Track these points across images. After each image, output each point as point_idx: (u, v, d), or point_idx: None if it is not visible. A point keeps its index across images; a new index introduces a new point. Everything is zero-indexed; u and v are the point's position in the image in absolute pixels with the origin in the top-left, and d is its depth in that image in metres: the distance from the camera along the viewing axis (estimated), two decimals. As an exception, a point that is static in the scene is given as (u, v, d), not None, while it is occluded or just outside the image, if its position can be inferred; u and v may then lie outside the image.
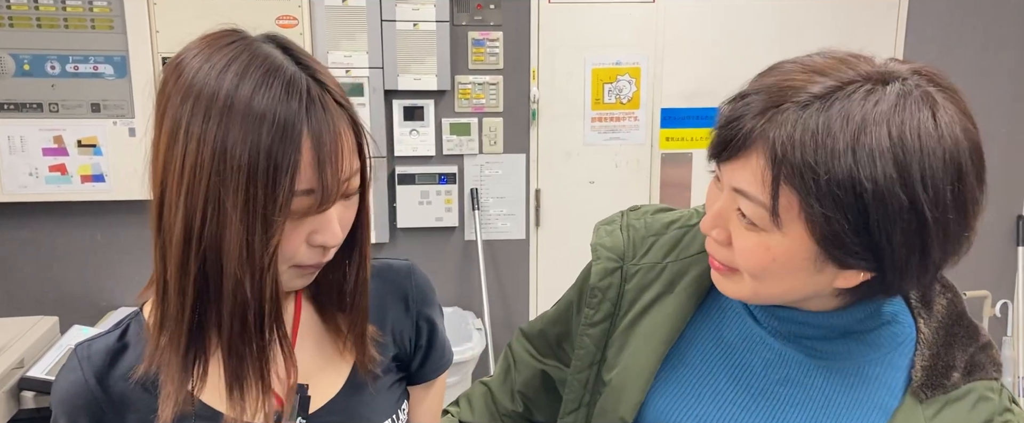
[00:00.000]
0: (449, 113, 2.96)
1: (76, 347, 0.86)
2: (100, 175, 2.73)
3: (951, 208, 0.71)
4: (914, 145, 0.69)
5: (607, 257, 0.97)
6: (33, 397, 1.94)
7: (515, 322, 3.19)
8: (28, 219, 2.79)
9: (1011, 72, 3.18)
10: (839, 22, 3.05)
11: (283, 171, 0.72)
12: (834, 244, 0.72)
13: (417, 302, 0.99)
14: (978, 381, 0.84)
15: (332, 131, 0.74)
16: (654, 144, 3.11)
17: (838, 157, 0.69)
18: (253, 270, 0.74)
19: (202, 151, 0.72)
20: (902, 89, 0.71)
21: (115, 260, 2.86)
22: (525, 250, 3.13)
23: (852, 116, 0.69)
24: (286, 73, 0.74)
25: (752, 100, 0.74)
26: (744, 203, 0.75)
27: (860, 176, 0.68)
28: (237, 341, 0.78)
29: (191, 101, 0.73)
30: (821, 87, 0.71)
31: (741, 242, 0.77)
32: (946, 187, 0.70)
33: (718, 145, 0.77)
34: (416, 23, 2.81)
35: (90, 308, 2.82)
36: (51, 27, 2.62)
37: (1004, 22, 3.14)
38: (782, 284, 0.78)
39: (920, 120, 0.70)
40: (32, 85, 2.64)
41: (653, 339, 0.91)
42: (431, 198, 3.00)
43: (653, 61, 3.04)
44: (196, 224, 0.74)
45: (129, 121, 2.70)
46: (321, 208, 0.76)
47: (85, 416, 0.83)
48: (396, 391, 0.97)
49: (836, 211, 0.70)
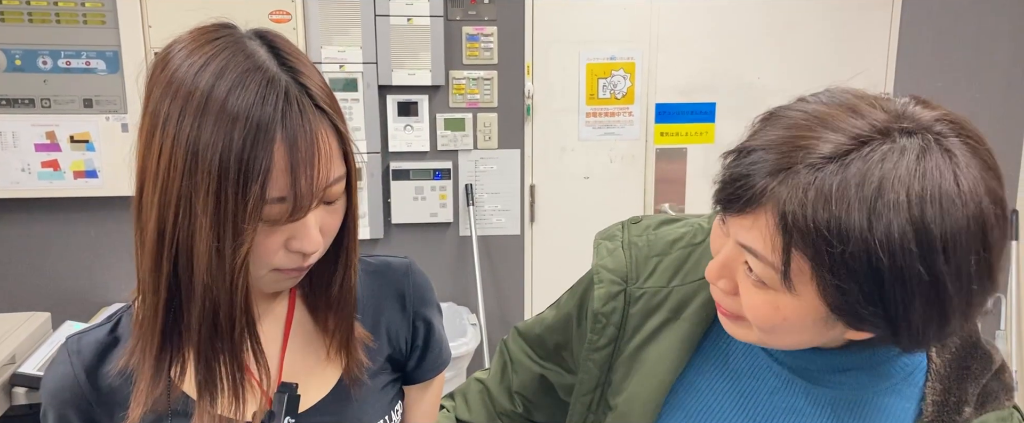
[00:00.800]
0: (443, 108, 2.95)
1: (67, 341, 0.85)
2: (93, 171, 2.72)
3: (975, 278, 0.66)
4: (935, 215, 0.63)
5: (610, 280, 0.94)
6: (25, 393, 1.94)
7: (510, 317, 3.19)
8: (20, 215, 2.78)
9: (1004, 67, 3.19)
10: (833, 17, 3.06)
11: (253, 177, 0.69)
12: (847, 311, 0.68)
13: (414, 302, 0.97)
14: (991, 412, 0.80)
15: (308, 137, 0.71)
16: (649, 139, 3.11)
17: (853, 228, 0.64)
18: (223, 276, 0.72)
19: (176, 151, 0.70)
20: (921, 146, 0.65)
21: (108, 256, 2.85)
22: (520, 246, 3.13)
23: (868, 182, 0.64)
24: (266, 74, 0.71)
25: (760, 158, 0.68)
26: (753, 260, 0.71)
27: (876, 250, 0.63)
28: (206, 345, 0.76)
29: (170, 97, 0.72)
30: (833, 147, 0.66)
31: (749, 298, 0.74)
32: (970, 257, 0.65)
33: (725, 199, 0.72)
34: (410, 18, 2.80)
35: (83, 304, 2.81)
36: (43, 22, 2.60)
37: (997, 16, 3.14)
38: (791, 338, 0.75)
39: (942, 186, 0.64)
40: (24, 80, 2.62)
41: (660, 368, 0.89)
42: (425, 194, 2.99)
43: (648, 56, 3.03)
44: (168, 225, 0.72)
45: (122, 117, 2.69)
46: (294, 217, 0.73)
47: (73, 410, 0.83)
48: (390, 391, 0.95)
49: (850, 282, 0.65)
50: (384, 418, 0.93)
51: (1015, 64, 3.19)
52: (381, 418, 0.93)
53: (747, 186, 0.68)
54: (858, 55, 3.10)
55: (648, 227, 0.97)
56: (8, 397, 1.93)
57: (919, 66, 3.15)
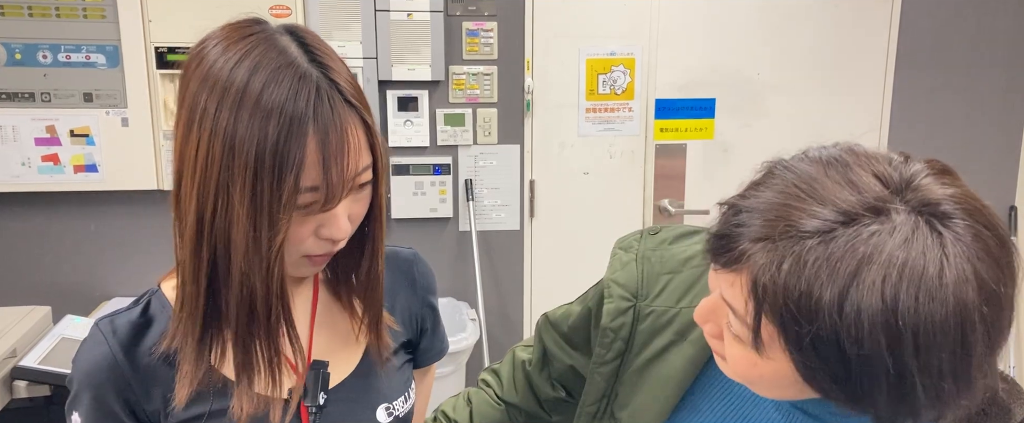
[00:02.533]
0: (443, 104, 2.95)
1: (98, 322, 0.87)
2: (93, 165, 2.72)
3: (947, 375, 0.62)
4: (909, 305, 0.59)
5: (620, 296, 0.94)
6: (26, 386, 1.95)
7: (509, 313, 3.19)
8: (20, 209, 2.78)
9: (1003, 64, 3.19)
10: (833, 14, 3.05)
11: (288, 168, 0.73)
12: (817, 388, 0.66)
13: (422, 288, 1.03)
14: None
15: (339, 130, 0.75)
16: (648, 135, 3.11)
17: (823, 312, 0.60)
18: (259, 263, 0.76)
19: (213, 144, 0.74)
20: (913, 227, 0.61)
21: (108, 250, 2.86)
22: (519, 241, 3.13)
23: (846, 262, 0.60)
24: (298, 70, 0.75)
25: (746, 220, 0.66)
26: (730, 316, 0.70)
27: (843, 338, 0.60)
28: (244, 329, 0.80)
29: (206, 92, 0.75)
30: (818, 223, 0.62)
31: (730, 349, 0.73)
32: (943, 354, 0.61)
33: (712, 250, 0.71)
34: (410, 13, 2.80)
35: (83, 298, 2.81)
36: (43, 16, 2.60)
37: (997, 11, 3.14)
38: (771, 393, 0.75)
39: (923, 275, 0.59)
40: (24, 74, 2.62)
41: (666, 388, 0.90)
42: (425, 189, 2.99)
43: (648, 51, 3.03)
44: (207, 214, 0.76)
45: (122, 111, 2.69)
46: (326, 207, 0.77)
47: (111, 390, 0.84)
48: (406, 371, 1.01)
49: (817, 361, 0.63)
50: (404, 395, 0.98)
51: (1014, 59, 3.19)
52: (401, 394, 0.98)
53: (729, 247, 0.67)
54: (857, 52, 3.10)
55: (664, 241, 0.97)
56: (9, 391, 1.94)
57: (918, 62, 3.15)
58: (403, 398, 0.97)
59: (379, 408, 0.94)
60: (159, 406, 0.85)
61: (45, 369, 1.94)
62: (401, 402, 0.97)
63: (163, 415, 0.85)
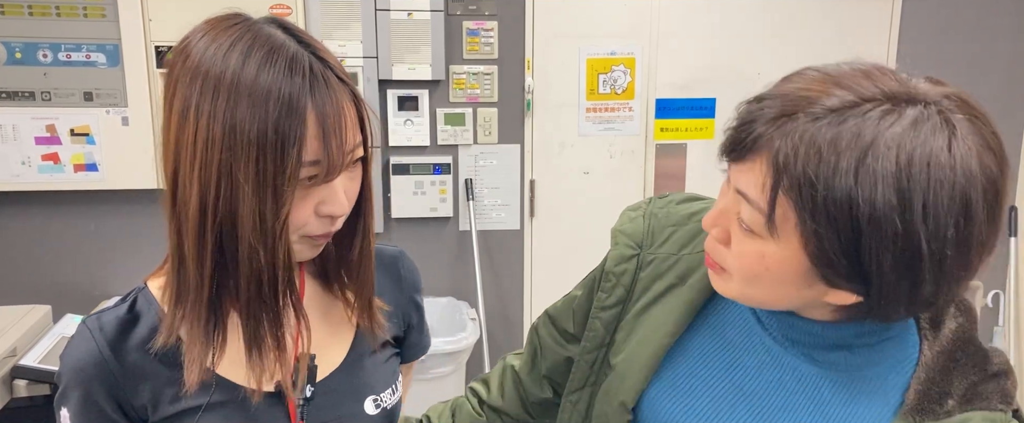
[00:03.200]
0: (443, 103, 2.95)
1: (85, 320, 0.87)
2: (93, 164, 2.72)
3: (951, 245, 0.67)
4: (921, 174, 0.65)
5: (625, 244, 0.98)
6: (26, 385, 1.95)
7: (509, 313, 3.19)
8: (21, 208, 2.78)
9: (1004, 63, 3.19)
10: (834, 13, 3.05)
11: (290, 143, 0.75)
12: (824, 262, 0.70)
13: (409, 285, 1.05)
14: (977, 411, 0.79)
15: (335, 105, 0.78)
16: (649, 135, 3.11)
17: (839, 176, 0.66)
18: (266, 238, 0.78)
19: (213, 127, 0.76)
20: (921, 113, 0.67)
21: (108, 249, 2.86)
22: (519, 240, 3.13)
23: (862, 136, 0.66)
24: (288, 51, 0.77)
25: (768, 105, 0.72)
26: (744, 207, 0.74)
27: (858, 197, 0.66)
28: (254, 306, 0.82)
29: (199, 81, 0.77)
30: (837, 100, 0.68)
31: (738, 246, 0.77)
32: (950, 222, 0.66)
33: (728, 145, 0.76)
34: (410, 12, 2.80)
35: (83, 297, 2.81)
36: (43, 15, 2.60)
37: (998, 10, 3.14)
38: (771, 292, 0.78)
39: (933, 148, 0.66)
40: (24, 73, 2.62)
41: (660, 329, 0.92)
42: (425, 188, 2.99)
43: (648, 51, 3.03)
44: (210, 197, 0.77)
45: (122, 110, 2.69)
46: (327, 178, 0.80)
47: (99, 386, 0.84)
48: (393, 364, 1.02)
49: (829, 229, 0.68)
50: (391, 387, 0.99)
51: (1015, 58, 3.19)
52: (389, 387, 0.99)
53: (749, 130, 0.72)
54: (858, 50, 3.09)
55: (671, 201, 1.01)
56: (9, 390, 1.94)
57: (919, 61, 3.13)
58: (391, 390, 0.98)
59: (367, 400, 0.95)
60: (146, 401, 0.86)
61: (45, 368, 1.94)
62: (389, 394, 0.98)
63: (150, 411, 0.86)
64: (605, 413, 0.96)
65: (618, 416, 0.94)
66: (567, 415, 1.03)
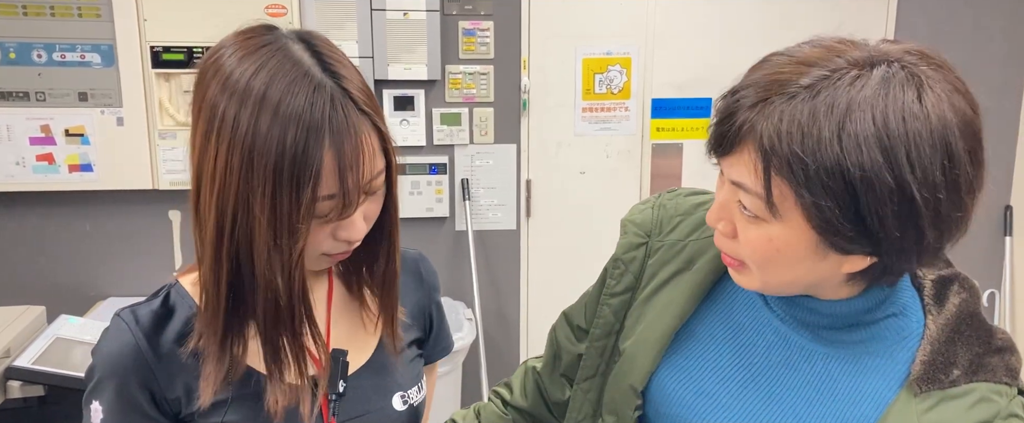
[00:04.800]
0: (439, 103, 2.95)
1: (119, 313, 0.88)
2: (88, 165, 2.71)
3: (942, 188, 0.71)
4: (899, 128, 0.69)
5: (634, 232, 1.00)
6: (20, 387, 1.93)
7: (506, 312, 3.19)
8: (15, 209, 2.77)
9: (1000, 62, 3.19)
10: (829, 11, 3.06)
11: (306, 179, 0.75)
12: (830, 231, 0.73)
13: (429, 286, 1.08)
14: (983, 382, 0.81)
15: (353, 139, 0.78)
16: (645, 134, 3.11)
17: (824, 146, 0.69)
18: (281, 269, 0.79)
19: (231, 155, 0.76)
20: (887, 72, 0.71)
21: (103, 250, 2.85)
22: (516, 240, 3.13)
23: (837, 104, 0.70)
24: (313, 81, 0.77)
25: (743, 95, 0.75)
26: (743, 195, 0.76)
27: (847, 163, 0.69)
28: (271, 329, 0.83)
29: (225, 100, 0.77)
30: (809, 78, 0.72)
31: (745, 234, 0.79)
32: (935, 168, 0.70)
33: (714, 140, 0.78)
34: (406, 12, 2.80)
35: (78, 298, 2.80)
36: (37, 15, 2.59)
37: (993, 12, 3.15)
38: (788, 273, 0.79)
39: (904, 102, 0.70)
40: (18, 73, 2.61)
41: (667, 312, 0.94)
42: (421, 188, 2.99)
43: (644, 51, 3.03)
44: (227, 224, 0.78)
45: (117, 110, 2.68)
46: (343, 214, 0.80)
47: (135, 378, 0.85)
48: (418, 364, 1.04)
49: (827, 199, 0.70)
50: (417, 385, 1.01)
51: (1009, 60, 3.20)
52: (415, 385, 1.01)
53: (731, 121, 0.74)
54: (854, 51, 3.10)
55: (680, 194, 1.03)
56: (2, 391, 1.93)
57: (915, 62, 3.15)
58: (417, 388, 1.00)
59: (395, 396, 0.97)
60: (181, 395, 0.86)
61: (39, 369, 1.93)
62: (415, 391, 1.00)
63: (185, 404, 0.87)
64: (615, 398, 0.98)
65: (627, 399, 0.95)
66: (578, 403, 1.04)
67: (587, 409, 1.03)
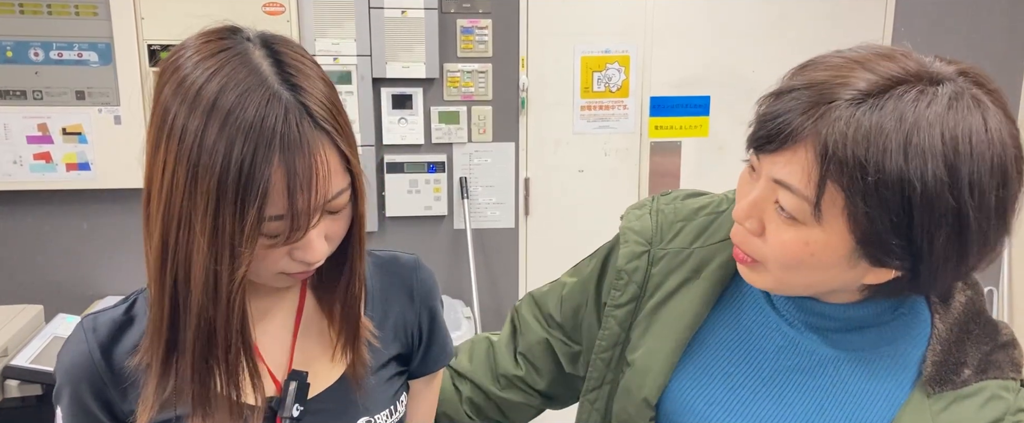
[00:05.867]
0: (438, 101, 2.95)
1: (83, 320, 0.86)
2: (86, 163, 2.70)
3: (994, 214, 0.71)
4: (966, 149, 0.69)
5: (635, 241, 0.98)
6: (17, 386, 1.93)
7: (504, 311, 3.19)
8: (12, 207, 2.77)
9: (998, 62, 3.19)
10: (828, 10, 3.05)
11: (251, 200, 0.69)
12: (874, 243, 0.72)
13: (421, 297, 0.99)
14: (992, 379, 0.82)
15: (306, 158, 0.71)
16: (643, 133, 3.11)
17: (889, 156, 0.68)
18: (219, 298, 0.73)
19: (177, 168, 0.71)
20: (954, 91, 0.71)
21: (101, 249, 2.84)
22: (514, 239, 3.13)
23: (905, 116, 0.69)
24: (267, 91, 0.71)
25: (799, 95, 0.73)
26: (784, 195, 0.74)
27: (910, 177, 0.68)
28: (201, 363, 0.77)
29: (175, 108, 0.72)
30: (869, 84, 0.71)
31: (778, 235, 0.77)
32: (992, 192, 0.71)
33: (761, 138, 0.76)
34: (404, 10, 2.79)
35: (76, 297, 2.80)
36: (34, 14, 2.58)
37: (991, 9, 3.15)
38: (811, 277, 0.78)
39: (972, 124, 0.70)
40: (15, 72, 2.61)
41: (678, 324, 0.93)
42: (420, 187, 2.99)
43: (642, 49, 3.03)
44: (170, 241, 0.74)
45: (115, 109, 2.68)
46: (292, 237, 0.74)
47: (87, 387, 0.83)
48: (395, 383, 0.97)
49: (881, 210, 0.70)
50: (389, 409, 0.95)
51: (1009, 57, 3.20)
52: (386, 409, 0.94)
53: (786, 122, 0.73)
54: (852, 49, 3.10)
55: (676, 198, 1.01)
56: (1, 390, 1.93)
57: (913, 60, 3.15)
58: (387, 412, 0.94)
59: (359, 421, 0.92)
60: (135, 406, 0.83)
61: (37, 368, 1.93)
62: (385, 416, 0.94)
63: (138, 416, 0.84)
64: (626, 410, 0.96)
65: (641, 413, 0.94)
66: (586, 415, 1.03)
67: (595, 419, 1.02)
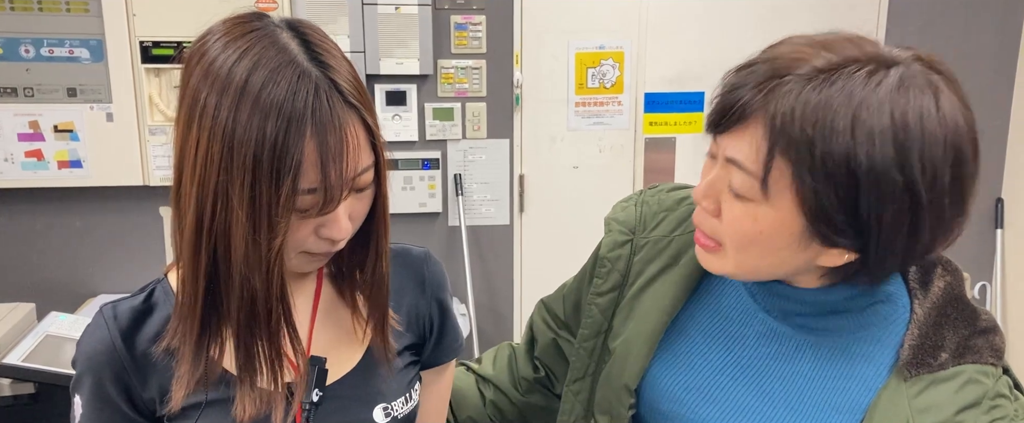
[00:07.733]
0: (432, 98, 2.94)
1: (102, 308, 0.87)
2: (77, 161, 2.69)
3: (948, 192, 0.72)
4: (916, 127, 0.69)
5: (618, 230, 1.00)
6: (9, 384, 1.92)
7: (500, 308, 3.19)
8: (4, 206, 2.75)
9: (991, 56, 3.20)
10: (821, 8, 3.06)
11: (286, 171, 0.72)
12: (821, 220, 0.72)
13: (433, 288, 1.02)
14: (970, 364, 0.82)
15: (338, 132, 0.74)
16: (638, 129, 3.11)
17: (837, 133, 0.69)
18: (259, 265, 0.76)
19: (212, 145, 0.73)
20: (905, 73, 0.71)
21: (93, 247, 2.83)
22: (509, 235, 3.13)
23: (854, 94, 0.69)
24: (297, 69, 0.74)
25: (757, 69, 0.75)
26: (735, 173, 0.76)
27: (857, 153, 0.69)
28: (246, 331, 0.80)
29: (207, 88, 0.74)
30: (824, 61, 0.71)
31: (730, 211, 0.78)
32: (945, 171, 0.71)
33: (716, 114, 0.77)
34: (398, 7, 2.78)
35: (68, 295, 2.79)
36: (25, 10, 2.57)
37: (983, 7, 3.16)
38: (765, 258, 0.79)
39: (923, 104, 0.70)
40: (6, 69, 2.59)
41: (656, 309, 0.94)
42: (414, 183, 2.98)
43: (636, 45, 3.03)
44: (206, 217, 0.75)
45: (106, 106, 2.66)
46: (325, 209, 0.76)
47: (109, 374, 0.84)
48: (410, 372, 1.00)
49: (827, 186, 0.70)
50: (404, 396, 0.97)
51: (1000, 54, 3.21)
52: (402, 395, 0.96)
53: (738, 96, 0.74)
54: (846, 45, 3.10)
55: (661, 190, 1.03)
56: (-7, 389, 1.92)
57: (907, 56, 3.16)
58: (403, 399, 0.96)
59: (377, 408, 0.93)
60: (155, 394, 0.85)
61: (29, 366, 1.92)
62: (401, 403, 0.96)
63: (159, 404, 0.85)
64: (607, 398, 0.97)
65: (621, 399, 0.95)
66: (569, 405, 1.04)
67: (578, 410, 1.02)
